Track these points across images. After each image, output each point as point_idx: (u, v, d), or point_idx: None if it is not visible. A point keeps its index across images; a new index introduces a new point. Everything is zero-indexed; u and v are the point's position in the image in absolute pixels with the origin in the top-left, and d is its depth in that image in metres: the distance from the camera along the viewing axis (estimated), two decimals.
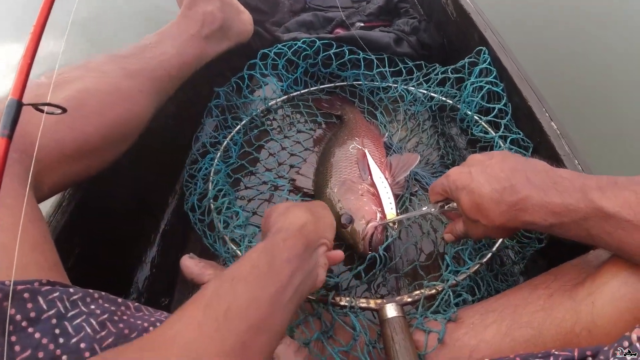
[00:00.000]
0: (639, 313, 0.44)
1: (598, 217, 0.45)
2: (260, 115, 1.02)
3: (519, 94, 0.80)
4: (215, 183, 0.84)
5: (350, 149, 0.87)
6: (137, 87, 0.71)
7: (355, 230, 0.72)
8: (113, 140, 0.66)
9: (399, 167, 0.82)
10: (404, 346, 0.56)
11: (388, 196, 0.77)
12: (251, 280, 0.42)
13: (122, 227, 0.78)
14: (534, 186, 0.50)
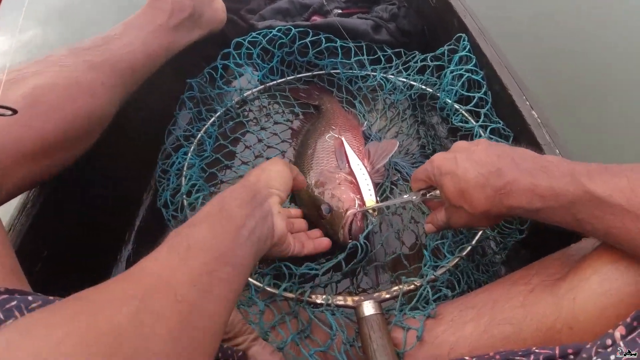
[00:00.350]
0: (622, 309, 0.42)
1: (587, 201, 0.43)
2: (236, 106, 0.99)
3: (499, 82, 0.78)
4: (189, 178, 0.81)
5: (327, 138, 0.84)
6: (100, 80, 0.68)
7: (334, 219, 0.70)
8: (75, 137, 0.63)
9: (378, 154, 0.80)
10: (381, 345, 0.54)
11: (367, 183, 0.75)
12: (207, 223, 0.45)
13: (94, 225, 0.76)
14: (521, 170, 0.48)
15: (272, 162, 0.63)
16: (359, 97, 1.00)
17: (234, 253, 0.44)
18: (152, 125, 0.92)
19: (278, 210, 0.56)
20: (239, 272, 0.44)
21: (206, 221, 0.46)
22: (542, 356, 0.45)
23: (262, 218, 0.52)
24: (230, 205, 0.49)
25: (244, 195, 0.52)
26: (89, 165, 0.69)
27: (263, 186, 0.56)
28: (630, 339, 0.38)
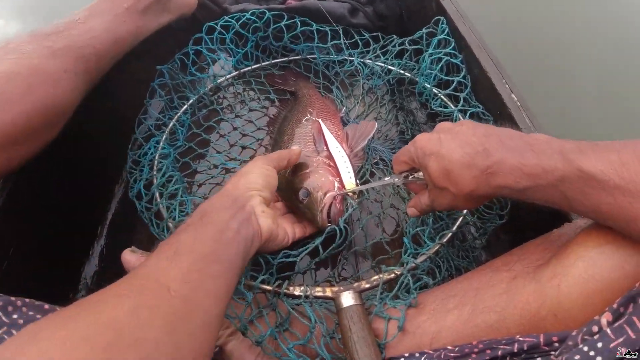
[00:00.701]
0: (608, 295, 0.41)
1: (576, 178, 0.42)
2: (209, 93, 0.96)
3: (478, 65, 0.77)
4: (162, 168, 0.78)
5: (305, 122, 0.82)
6: (62, 67, 0.64)
7: (312, 202, 0.67)
8: (36, 129, 0.60)
9: (356, 137, 0.78)
10: (362, 337, 0.53)
11: (346, 166, 0.73)
12: (191, 230, 0.47)
13: (64, 220, 0.72)
14: (509, 149, 0.47)
15: (252, 165, 0.62)
16: (336, 83, 0.98)
17: (220, 252, 0.46)
18: (121, 114, 0.88)
19: (262, 209, 0.56)
20: (228, 269, 0.46)
21: (188, 229, 0.47)
22: (526, 344, 0.44)
23: (245, 220, 0.53)
24: (211, 213, 0.51)
25: (223, 202, 0.53)
26: (53, 158, 0.65)
27: (242, 191, 0.57)
28: (618, 326, 0.37)
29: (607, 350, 0.36)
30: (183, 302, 0.38)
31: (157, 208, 0.72)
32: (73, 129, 0.66)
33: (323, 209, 0.66)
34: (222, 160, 0.86)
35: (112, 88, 0.80)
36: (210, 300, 0.42)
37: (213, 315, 0.42)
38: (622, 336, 0.36)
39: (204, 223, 0.49)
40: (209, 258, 0.44)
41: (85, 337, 0.31)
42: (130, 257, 0.62)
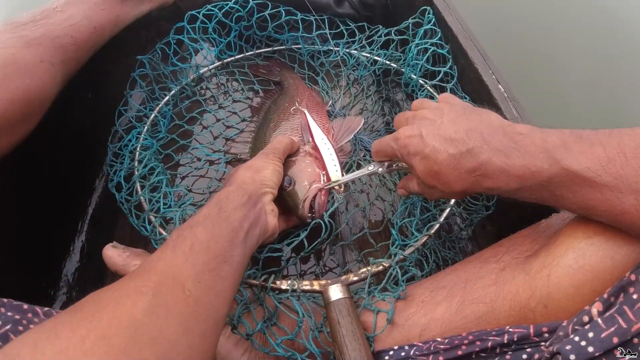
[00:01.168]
0: (598, 285, 0.41)
1: (563, 177, 0.42)
2: (192, 84, 0.94)
3: (465, 56, 0.76)
4: (143, 158, 0.76)
5: (292, 111, 0.81)
6: (38, 57, 0.61)
7: (295, 191, 0.66)
8: (12, 120, 0.57)
9: (342, 131, 0.77)
10: (351, 330, 0.52)
11: (332, 158, 0.71)
12: (207, 225, 0.47)
13: (42, 215, 0.70)
14: (493, 148, 0.46)
15: (266, 160, 0.63)
16: (321, 73, 0.97)
17: (232, 253, 0.46)
18: (101, 106, 0.86)
19: (271, 208, 0.57)
20: (236, 269, 0.46)
21: (205, 223, 0.47)
22: (516, 335, 0.44)
23: (256, 219, 0.53)
24: (227, 207, 0.51)
25: (240, 197, 0.53)
26: (30, 151, 0.63)
27: (257, 187, 0.57)
28: (609, 316, 0.37)
29: (599, 340, 0.36)
30: (196, 303, 0.39)
31: (137, 200, 0.71)
32: (51, 121, 0.63)
33: (306, 200, 0.65)
34: (206, 152, 0.85)
35: (91, 79, 0.78)
36: (219, 300, 0.43)
37: (221, 315, 0.43)
38: (614, 326, 0.36)
39: (220, 219, 0.49)
40: (221, 258, 0.44)
41: (103, 336, 0.31)
42: (111, 252, 0.61)
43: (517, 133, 0.45)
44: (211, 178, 0.81)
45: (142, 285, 0.37)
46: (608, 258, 0.42)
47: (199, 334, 0.38)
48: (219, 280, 0.43)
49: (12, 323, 0.40)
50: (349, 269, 0.71)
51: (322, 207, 0.66)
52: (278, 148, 0.66)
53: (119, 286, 0.37)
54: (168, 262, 0.41)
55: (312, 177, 0.67)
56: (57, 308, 0.67)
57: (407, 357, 0.49)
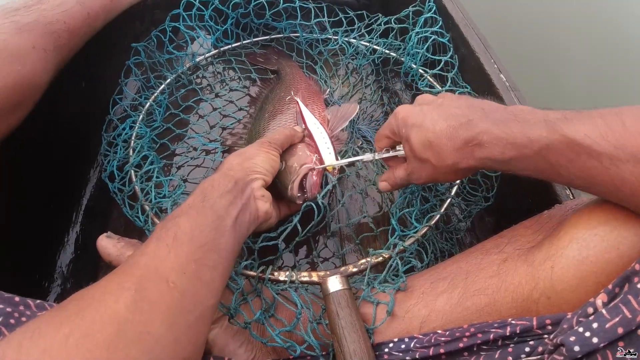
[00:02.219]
0: (602, 277, 0.40)
1: (562, 144, 0.41)
2: (188, 72, 0.92)
3: (466, 44, 0.75)
4: (138, 149, 0.74)
5: (287, 100, 0.79)
6: (30, 43, 0.60)
7: (286, 174, 0.64)
8: (3, 108, 0.55)
9: (337, 118, 0.75)
10: (350, 322, 0.51)
11: (325, 141, 0.70)
12: (191, 214, 0.46)
13: (36, 206, 0.68)
14: (493, 120, 0.46)
15: (257, 149, 0.61)
16: (320, 62, 0.95)
17: (218, 241, 0.45)
18: (95, 95, 0.84)
19: (262, 194, 0.56)
20: (224, 257, 0.45)
21: (189, 213, 0.46)
22: (518, 327, 0.43)
23: (244, 205, 0.52)
24: (212, 195, 0.49)
25: (225, 184, 0.52)
26: (22, 140, 0.61)
27: (245, 173, 0.55)
28: (613, 306, 0.36)
29: (603, 331, 0.35)
30: (181, 295, 0.38)
31: (131, 189, 0.69)
32: (44, 110, 0.62)
33: (295, 180, 0.63)
34: (202, 142, 0.83)
35: (85, 67, 0.76)
36: (206, 291, 0.41)
37: (209, 306, 0.42)
38: (618, 316, 0.35)
39: (204, 207, 0.47)
40: (206, 247, 0.43)
41: (87, 334, 0.31)
42: (106, 242, 0.60)
43: (517, 109, 0.47)
44: (207, 168, 0.80)
45: (125, 280, 0.37)
46: (613, 249, 0.41)
47: (186, 326, 0.37)
48: (205, 270, 0.42)
49: (3, 316, 0.40)
50: (348, 259, 0.70)
51: (315, 188, 0.64)
52: (276, 138, 0.64)
53: (102, 283, 0.37)
54: (151, 256, 0.40)
55: (303, 159, 0.66)
56: (52, 300, 0.66)
57: (407, 349, 0.48)
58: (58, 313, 0.33)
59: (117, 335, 0.32)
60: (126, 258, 0.57)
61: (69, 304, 0.34)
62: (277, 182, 0.64)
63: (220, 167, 0.57)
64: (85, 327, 0.32)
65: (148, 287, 0.37)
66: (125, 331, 0.33)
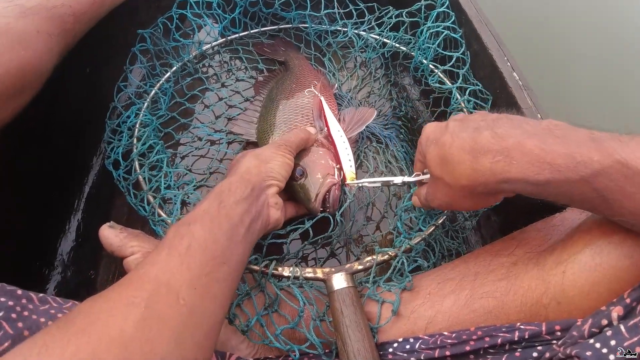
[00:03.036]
0: (615, 284, 0.40)
1: (618, 172, 0.35)
2: (194, 61, 0.91)
3: (479, 40, 0.74)
4: (142, 135, 0.73)
5: (306, 93, 0.78)
6: (35, 27, 0.58)
7: (309, 183, 0.63)
8: (7, 93, 0.54)
9: (354, 122, 0.74)
10: (354, 320, 0.50)
11: (347, 152, 0.69)
12: (206, 222, 0.44)
13: (37, 193, 0.67)
14: (525, 131, 0.39)
15: (275, 151, 0.59)
16: (328, 54, 0.94)
17: (231, 252, 0.44)
18: (99, 81, 0.83)
19: (275, 201, 0.55)
20: (234, 270, 0.45)
21: (204, 219, 0.45)
22: (527, 332, 0.43)
23: (257, 213, 0.51)
24: (229, 201, 0.48)
25: (242, 190, 0.51)
26: (24, 127, 0.60)
27: (262, 179, 0.55)
28: (633, 325, 0.35)
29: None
30: (190, 312, 0.37)
31: (135, 178, 0.68)
32: (47, 96, 0.61)
33: (319, 195, 0.63)
34: (207, 132, 0.82)
35: (89, 53, 0.75)
36: (215, 306, 0.41)
37: (217, 321, 0.41)
38: (637, 335, 0.35)
39: (220, 215, 0.46)
40: (219, 259, 0.42)
41: (93, 354, 0.31)
42: (108, 232, 0.59)
43: (552, 124, 0.40)
44: (212, 158, 0.79)
45: (134, 295, 0.36)
46: (626, 257, 0.41)
47: (193, 344, 0.37)
48: (215, 285, 0.41)
49: (4, 310, 0.39)
50: (354, 257, 0.69)
51: (336, 203, 0.64)
52: (292, 141, 0.63)
53: (111, 295, 0.36)
54: (163, 267, 0.39)
55: (326, 170, 0.65)
56: (52, 288, 0.66)
57: (412, 350, 0.48)
58: (66, 328, 0.33)
59: (124, 355, 0.32)
60: (135, 246, 0.57)
61: (77, 317, 0.34)
62: (297, 190, 0.64)
63: (236, 168, 0.56)
64: (92, 346, 0.31)
65: (158, 303, 0.36)
66: (133, 351, 0.32)
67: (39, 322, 0.40)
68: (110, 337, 0.32)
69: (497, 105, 0.70)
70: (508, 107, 0.66)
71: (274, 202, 0.55)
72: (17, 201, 0.64)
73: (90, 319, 0.34)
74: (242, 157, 0.58)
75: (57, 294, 0.65)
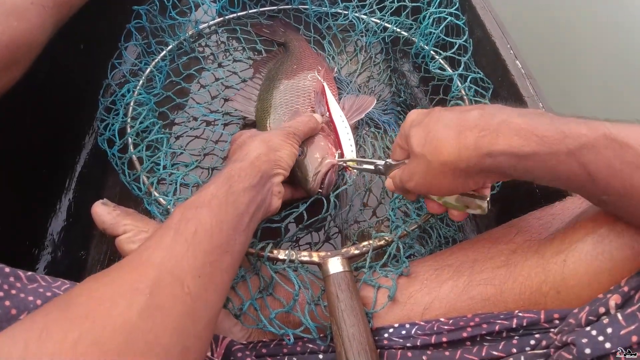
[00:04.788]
0: (617, 274, 0.39)
1: (604, 147, 0.34)
2: (190, 40, 0.89)
3: (482, 27, 0.73)
4: (138, 115, 0.71)
5: (309, 77, 0.77)
6: None
7: (307, 163, 0.63)
8: None
9: (353, 109, 0.73)
10: (349, 305, 0.50)
11: (348, 138, 0.68)
12: (213, 207, 0.44)
13: (27, 171, 0.66)
14: (514, 111, 0.39)
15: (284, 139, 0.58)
16: (328, 37, 0.92)
17: (234, 241, 0.44)
18: (93, 58, 0.81)
19: (279, 190, 0.55)
20: (236, 259, 0.44)
21: (211, 204, 0.44)
22: (525, 320, 0.42)
23: (261, 200, 0.51)
24: (237, 187, 0.47)
25: (252, 177, 0.50)
26: (15, 102, 0.58)
27: (270, 167, 0.54)
28: (630, 313, 0.34)
29: (617, 337, 0.34)
30: (194, 301, 0.37)
31: (130, 156, 0.67)
32: (40, 72, 0.59)
33: (318, 174, 0.62)
34: (203, 112, 0.81)
35: (84, 29, 0.73)
36: (217, 296, 0.40)
37: (217, 311, 0.41)
38: (634, 324, 0.34)
39: (227, 202, 0.45)
40: (223, 248, 0.42)
41: (96, 341, 0.30)
42: (101, 210, 0.57)
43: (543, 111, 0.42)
44: (207, 139, 0.78)
45: (139, 280, 0.35)
46: (628, 247, 0.40)
47: (195, 335, 0.36)
48: (218, 274, 0.41)
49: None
50: (350, 242, 0.69)
51: (331, 184, 0.63)
52: (302, 130, 0.62)
53: (115, 279, 0.35)
54: (168, 252, 0.38)
55: (325, 151, 0.64)
56: (42, 269, 0.64)
57: (408, 335, 0.47)
58: (67, 311, 0.32)
59: (127, 345, 0.31)
60: (128, 224, 0.56)
61: (78, 300, 0.33)
62: (294, 169, 0.62)
63: (245, 152, 0.54)
64: (95, 334, 0.30)
65: (162, 292, 0.35)
66: (136, 341, 0.32)
67: (27, 301, 0.39)
68: (114, 325, 0.31)
69: (498, 94, 0.69)
70: (510, 96, 0.66)
71: (278, 190, 0.54)
72: (7, 179, 0.62)
73: (93, 304, 0.33)
74: (249, 140, 0.56)
75: (48, 274, 0.64)
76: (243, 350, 0.48)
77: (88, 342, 0.30)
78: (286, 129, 0.60)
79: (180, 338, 0.35)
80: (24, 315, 0.38)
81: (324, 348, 0.50)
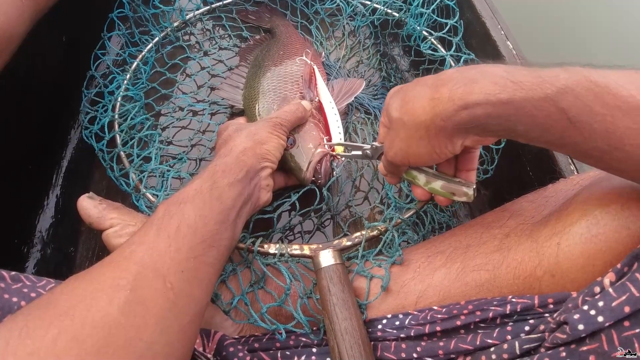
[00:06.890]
0: (611, 257, 0.38)
1: (585, 90, 0.33)
2: (175, 29, 0.86)
3: (472, 8, 0.71)
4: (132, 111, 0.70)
5: (297, 60, 0.75)
6: None
7: (300, 153, 0.62)
8: None
9: (342, 92, 0.72)
10: (342, 298, 0.49)
11: (337, 125, 0.67)
12: (197, 202, 0.43)
13: (13, 168, 0.64)
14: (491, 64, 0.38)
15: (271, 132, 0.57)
16: (315, 22, 0.90)
17: (220, 236, 0.43)
18: (76, 50, 0.79)
19: (267, 183, 0.54)
20: (223, 254, 0.44)
21: (195, 200, 0.44)
22: (519, 305, 0.42)
23: (249, 195, 0.50)
24: (222, 183, 0.47)
25: (237, 172, 0.49)
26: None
27: (257, 160, 0.52)
28: (620, 284, 0.33)
29: (609, 309, 0.33)
30: (177, 297, 0.36)
31: (117, 152, 0.66)
32: (21, 65, 0.57)
33: (311, 164, 0.61)
34: (189, 102, 0.79)
35: (65, 20, 0.71)
36: (201, 291, 0.40)
37: (202, 306, 0.40)
38: (625, 294, 0.33)
39: (212, 197, 0.45)
40: (208, 242, 0.41)
41: (76, 338, 0.30)
42: (87, 203, 0.56)
43: None
44: (194, 130, 0.76)
45: (120, 277, 0.35)
46: (624, 228, 0.39)
47: (178, 330, 0.36)
48: (203, 269, 0.40)
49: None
50: (342, 231, 0.68)
51: (327, 174, 0.63)
52: (289, 120, 0.60)
53: (96, 276, 0.35)
54: (150, 248, 0.38)
55: (317, 140, 0.63)
56: (31, 267, 0.63)
57: (401, 326, 0.47)
58: (48, 309, 0.32)
59: (107, 341, 0.31)
60: (114, 218, 0.55)
61: (59, 298, 0.33)
62: (287, 159, 0.62)
63: (230, 147, 0.52)
64: (74, 330, 0.30)
65: (143, 287, 0.35)
66: (116, 336, 0.31)
67: (11, 302, 0.38)
68: (93, 321, 0.31)
69: None
70: None
71: (266, 184, 0.53)
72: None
73: (74, 301, 0.32)
74: (235, 134, 0.55)
75: (37, 272, 0.63)
76: (235, 344, 0.48)
77: (67, 339, 0.30)
78: (273, 120, 0.59)
79: (163, 333, 0.34)
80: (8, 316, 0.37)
81: (317, 342, 0.49)
